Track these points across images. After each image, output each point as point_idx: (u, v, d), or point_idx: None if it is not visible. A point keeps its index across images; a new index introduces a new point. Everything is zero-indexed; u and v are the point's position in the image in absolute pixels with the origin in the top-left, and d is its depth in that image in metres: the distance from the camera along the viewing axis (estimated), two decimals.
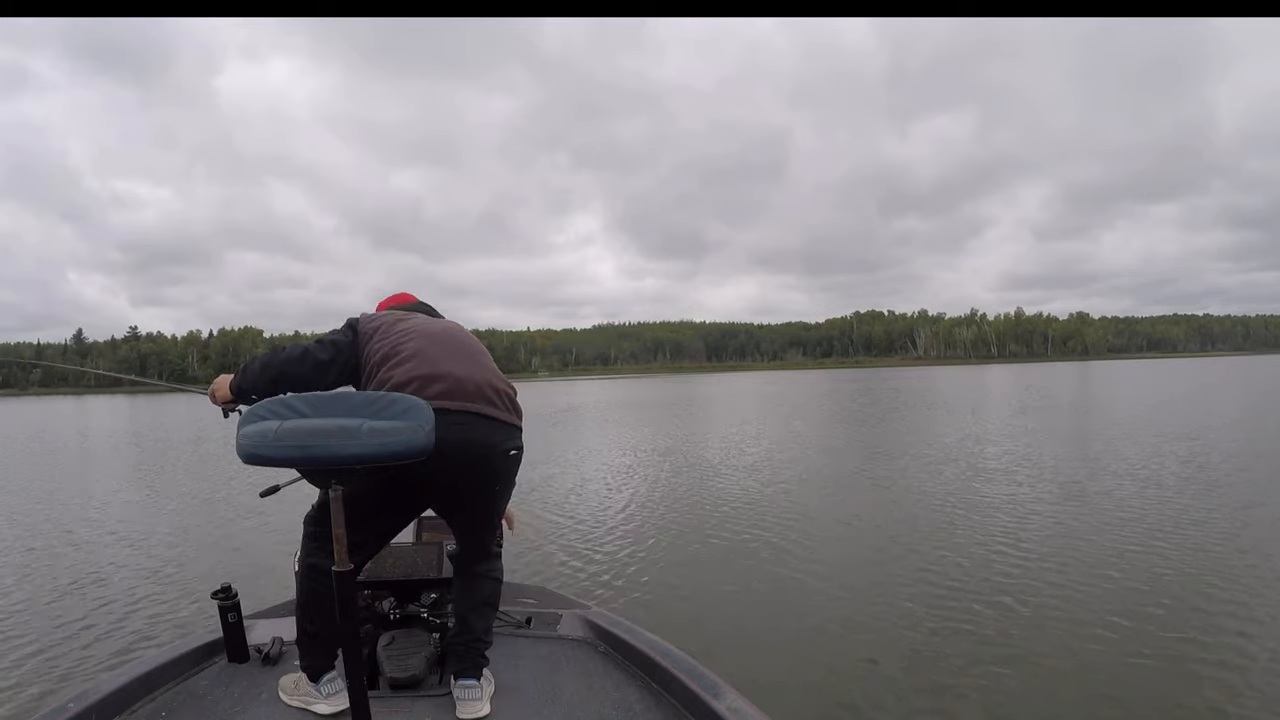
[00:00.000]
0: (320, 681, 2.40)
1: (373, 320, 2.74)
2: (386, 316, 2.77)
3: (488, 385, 2.54)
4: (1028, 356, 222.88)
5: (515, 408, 2.69)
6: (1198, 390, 38.51)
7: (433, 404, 2.22)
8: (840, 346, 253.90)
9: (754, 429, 23.54)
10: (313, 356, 2.61)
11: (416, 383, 2.40)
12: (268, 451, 1.88)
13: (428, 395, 2.34)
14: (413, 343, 2.58)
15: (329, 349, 2.64)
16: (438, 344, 2.60)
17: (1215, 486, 11.02)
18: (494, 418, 2.52)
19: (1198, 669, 4.95)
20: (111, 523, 10.78)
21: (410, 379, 2.42)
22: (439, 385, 2.42)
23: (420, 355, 2.52)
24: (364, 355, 2.63)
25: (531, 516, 10.05)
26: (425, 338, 2.61)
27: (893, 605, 6.37)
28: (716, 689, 2.30)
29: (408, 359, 2.50)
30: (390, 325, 2.68)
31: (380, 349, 2.58)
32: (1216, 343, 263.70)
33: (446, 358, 2.54)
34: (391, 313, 2.82)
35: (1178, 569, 7.04)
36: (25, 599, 7.11)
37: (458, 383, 2.46)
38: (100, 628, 6.27)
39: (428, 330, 2.67)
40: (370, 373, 2.56)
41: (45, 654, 5.69)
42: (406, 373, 2.45)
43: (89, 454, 21.87)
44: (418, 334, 2.63)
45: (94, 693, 2.30)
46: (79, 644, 5.90)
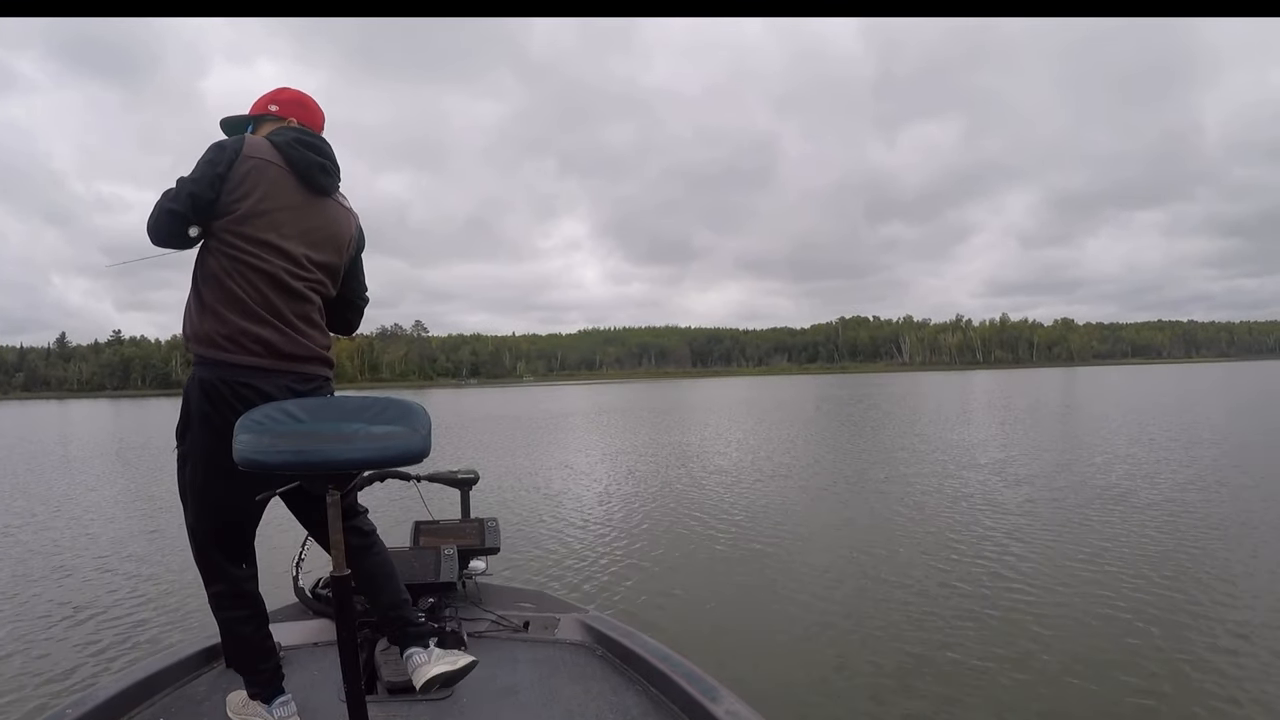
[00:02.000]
0: (273, 705, 2.36)
1: (242, 184, 2.30)
2: (258, 178, 2.32)
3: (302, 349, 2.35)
4: (1013, 362, 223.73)
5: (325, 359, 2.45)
6: (1185, 397, 38.71)
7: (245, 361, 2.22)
8: (826, 352, 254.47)
9: (746, 436, 23.57)
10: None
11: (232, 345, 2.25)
12: (264, 457, 1.87)
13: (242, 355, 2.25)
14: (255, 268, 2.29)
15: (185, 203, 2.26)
16: (275, 285, 2.32)
17: (1208, 493, 11.08)
18: (310, 375, 2.38)
19: (1190, 670, 4.98)
20: (107, 528, 10.72)
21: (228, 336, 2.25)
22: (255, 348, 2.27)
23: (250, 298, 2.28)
24: (214, 228, 2.29)
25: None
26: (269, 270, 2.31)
27: (890, 609, 6.40)
28: (715, 693, 2.29)
29: (238, 299, 2.26)
30: (256, 205, 2.31)
31: (230, 245, 2.28)
32: (1201, 349, 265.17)
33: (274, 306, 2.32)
34: (263, 166, 2.34)
35: (1169, 571, 7.09)
36: (22, 605, 7.07)
37: (271, 347, 2.29)
38: (98, 633, 6.24)
39: (276, 244, 2.33)
40: (214, 269, 2.28)
41: (43, 661, 5.66)
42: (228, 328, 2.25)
43: (80, 459, 21.74)
44: (269, 251, 2.32)
45: (92, 699, 2.28)
46: (77, 650, 5.87)
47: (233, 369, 2.22)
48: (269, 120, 2.55)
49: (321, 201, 2.46)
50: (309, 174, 2.42)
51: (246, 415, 1.96)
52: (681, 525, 9.97)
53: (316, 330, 2.42)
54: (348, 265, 2.58)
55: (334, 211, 2.51)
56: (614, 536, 9.41)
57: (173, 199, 2.23)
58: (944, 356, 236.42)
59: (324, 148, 2.50)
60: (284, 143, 2.40)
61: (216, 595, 2.38)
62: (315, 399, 2.12)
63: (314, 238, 2.42)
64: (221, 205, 2.27)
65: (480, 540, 3.43)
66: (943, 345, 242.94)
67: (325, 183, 2.47)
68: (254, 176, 2.30)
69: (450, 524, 3.51)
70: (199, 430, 2.26)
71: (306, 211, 2.41)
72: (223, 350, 2.22)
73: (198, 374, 2.25)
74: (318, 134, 2.56)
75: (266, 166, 2.33)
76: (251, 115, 2.58)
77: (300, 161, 2.40)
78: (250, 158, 2.31)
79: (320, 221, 2.45)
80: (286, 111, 2.57)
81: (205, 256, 2.31)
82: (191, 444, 2.30)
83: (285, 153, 2.38)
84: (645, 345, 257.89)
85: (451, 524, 3.51)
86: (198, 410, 2.24)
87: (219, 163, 2.27)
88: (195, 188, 2.23)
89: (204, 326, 2.25)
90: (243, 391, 2.20)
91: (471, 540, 3.42)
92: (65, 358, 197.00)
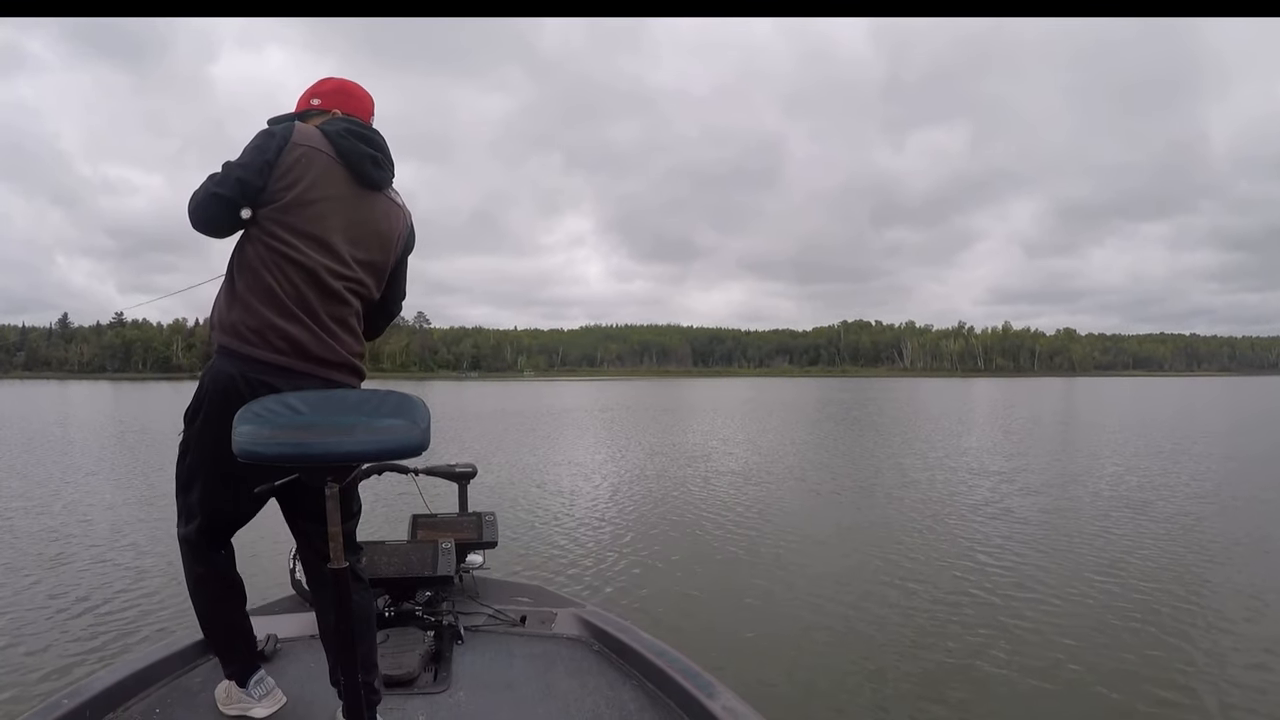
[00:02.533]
0: (249, 685, 2.35)
1: (290, 172, 2.23)
2: (306, 166, 2.25)
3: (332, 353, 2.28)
4: (1014, 371, 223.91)
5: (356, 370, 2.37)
6: (1190, 410, 38.71)
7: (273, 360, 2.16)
8: (827, 355, 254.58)
9: (750, 436, 23.58)
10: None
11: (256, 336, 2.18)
12: (264, 449, 1.86)
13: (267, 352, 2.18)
14: (295, 260, 2.21)
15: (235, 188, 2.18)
16: (313, 281, 2.24)
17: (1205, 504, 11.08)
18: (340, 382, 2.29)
19: (1188, 675, 4.98)
20: (103, 517, 10.67)
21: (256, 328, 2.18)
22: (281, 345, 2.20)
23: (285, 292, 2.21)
24: (258, 215, 2.21)
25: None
26: (307, 262, 2.23)
27: (888, 606, 6.43)
28: (711, 688, 2.29)
29: (271, 292, 2.19)
30: (303, 195, 2.23)
31: (271, 234, 2.20)
32: (1202, 363, 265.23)
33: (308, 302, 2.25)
34: (312, 154, 2.26)
35: (1189, 583, 7.08)
36: (15, 596, 7.04)
37: (299, 347, 2.21)
38: (93, 624, 6.22)
39: (320, 238, 2.26)
40: (251, 259, 2.21)
41: (37, 651, 5.63)
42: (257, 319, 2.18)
43: (75, 445, 21.70)
44: (311, 244, 2.24)
45: (87, 689, 2.28)
46: (72, 640, 5.85)
47: (255, 364, 2.14)
48: (314, 115, 2.43)
49: (372, 196, 2.36)
50: (360, 166, 2.31)
51: (246, 407, 1.96)
52: (681, 522, 10.00)
53: (350, 335, 2.33)
54: (393, 266, 2.47)
55: (384, 207, 2.40)
56: (613, 532, 9.43)
57: (219, 184, 2.15)
58: (945, 363, 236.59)
59: (376, 139, 2.39)
60: (334, 132, 2.30)
61: (199, 578, 2.37)
62: (314, 391, 2.05)
63: (359, 233, 2.32)
64: (268, 193, 2.18)
65: (478, 534, 3.43)
66: (944, 352, 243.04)
67: (377, 176, 2.36)
68: (303, 165, 2.21)
69: (448, 518, 3.50)
70: (207, 422, 2.18)
71: (355, 205, 2.31)
72: (247, 343, 2.15)
73: (217, 364, 2.18)
74: (368, 125, 2.44)
75: (316, 155, 2.24)
76: (296, 114, 2.45)
77: (351, 152, 2.30)
78: (299, 145, 2.22)
79: (368, 216, 2.35)
80: (330, 103, 2.46)
81: (244, 244, 2.23)
82: (197, 434, 2.23)
83: (335, 143, 2.28)
84: (647, 343, 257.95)
85: (449, 518, 3.51)
86: (210, 401, 2.17)
87: (268, 149, 2.19)
88: (244, 173, 2.15)
89: (231, 316, 2.18)
90: (260, 391, 2.07)
91: (469, 534, 3.41)
92: (67, 338, 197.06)
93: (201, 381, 2.22)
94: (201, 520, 2.30)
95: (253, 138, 2.23)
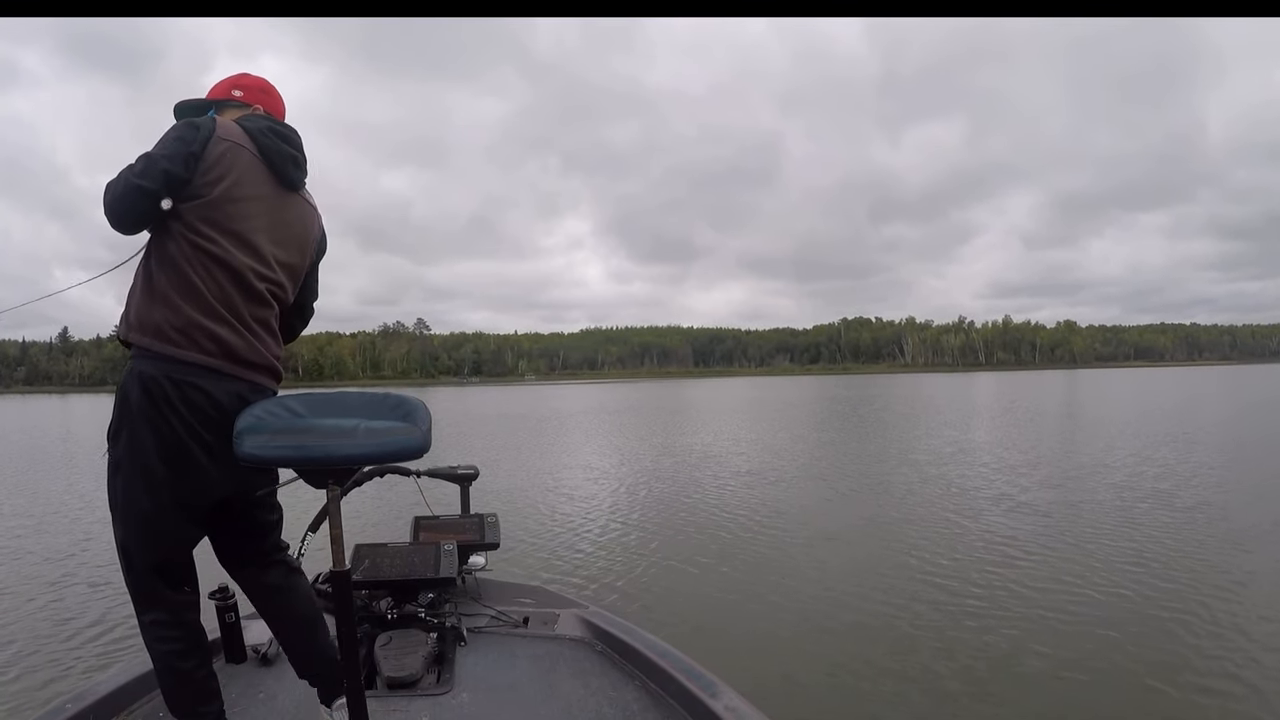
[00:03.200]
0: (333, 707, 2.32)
1: (216, 167, 2.13)
2: (231, 162, 2.16)
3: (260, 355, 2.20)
4: (1015, 364, 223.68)
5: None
6: (1195, 399, 38.66)
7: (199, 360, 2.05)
8: (828, 353, 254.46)
9: (749, 435, 23.56)
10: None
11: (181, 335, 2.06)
12: (264, 452, 1.87)
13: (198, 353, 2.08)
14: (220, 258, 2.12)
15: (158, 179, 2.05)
16: (238, 282, 2.15)
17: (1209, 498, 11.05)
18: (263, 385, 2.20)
19: (1192, 678, 4.97)
20: (105, 526, 10.61)
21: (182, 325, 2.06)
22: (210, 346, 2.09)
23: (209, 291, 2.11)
24: (180, 210, 2.09)
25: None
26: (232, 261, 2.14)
27: (891, 607, 6.41)
28: (714, 689, 2.29)
29: (196, 291, 2.08)
30: (228, 191, 2.14)
31: (195, 230, 2.09)
32: (1204, 352, 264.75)
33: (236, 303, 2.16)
34: (237, 150, 2.18)
35: (1172, 578, 7.08)
36: (20, 599, 7.06)
37: (226, 348, 2.11)
38: (97, 627, 6.23)
39: (243, 237, 2.17)
40: (173, 255, 2.09)
41: (42, 655, 5.64)
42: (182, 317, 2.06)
43: (79, 451, 21.71)
44: (234, 242, 2.15)
45: (91, 693, 2.29)
46: (76, 644, 5.86)
47: (182, 366, 2.01)
48: (232, 106, 2.36)
49: (290, 197, 2.30)
50: (281, 166, 2.24)
51: (247, 411, 1.96)
52: (683, 523, 9.99)
53: (272, 338, 2.23)
54: (308, 269, 2.41)
55: (301, 209, 2.35)
56: (615, 533, 9.44)
57: (141, 175, 2.00)
58: (946, 358, 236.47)
59: (295, 139, 2.33)
60: (256, 129, 2.22)
61: (151, 624, 2.10)
62: (314, 393, 2.07)
63: (281, 235, 2.25)
64: (193, 186, 2.06)
65: (480, 536, 3.43)
66: (945, 347, 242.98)
67: (296, 177, 2.30)
68: (228, 160, 2.12)
69: (450, 519, 3.51)
70: (136, 433, 2.02)
71: (275, 205, 2.24)
72: (172, 344, 2.01)
73: (138, 368, 2.02)
74: (284, 124, 2.37)
75: (240, 151, 2.16)
76: (212, 99, 2.38)
77: (273, 151, 2.23)
78: (224, 140, 2.13)
79: (288, 218, 2.28)
80: (251, 98, 2.40)
81: (164, 240, 2.09)
82: (126, 449, 2.04)
83: (258, 140, 2.21)
84: (647, 345, 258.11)
85: (451, 519, 3.51)
86: (138, 409, 2.00)
87: (192, 141, 2.07)
88: (170, 165, 2.02)
89: (153, 315, 2.03)
90: (190, 393, 2.00)
91: (471, 536, 3.42)
92: (67, 352, 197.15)
93: (122, 389, 2.06)
94: (143, 548, 2.08)
95: (172, 128, 2.12)
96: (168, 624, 2.10)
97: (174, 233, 2.07)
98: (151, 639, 2.11)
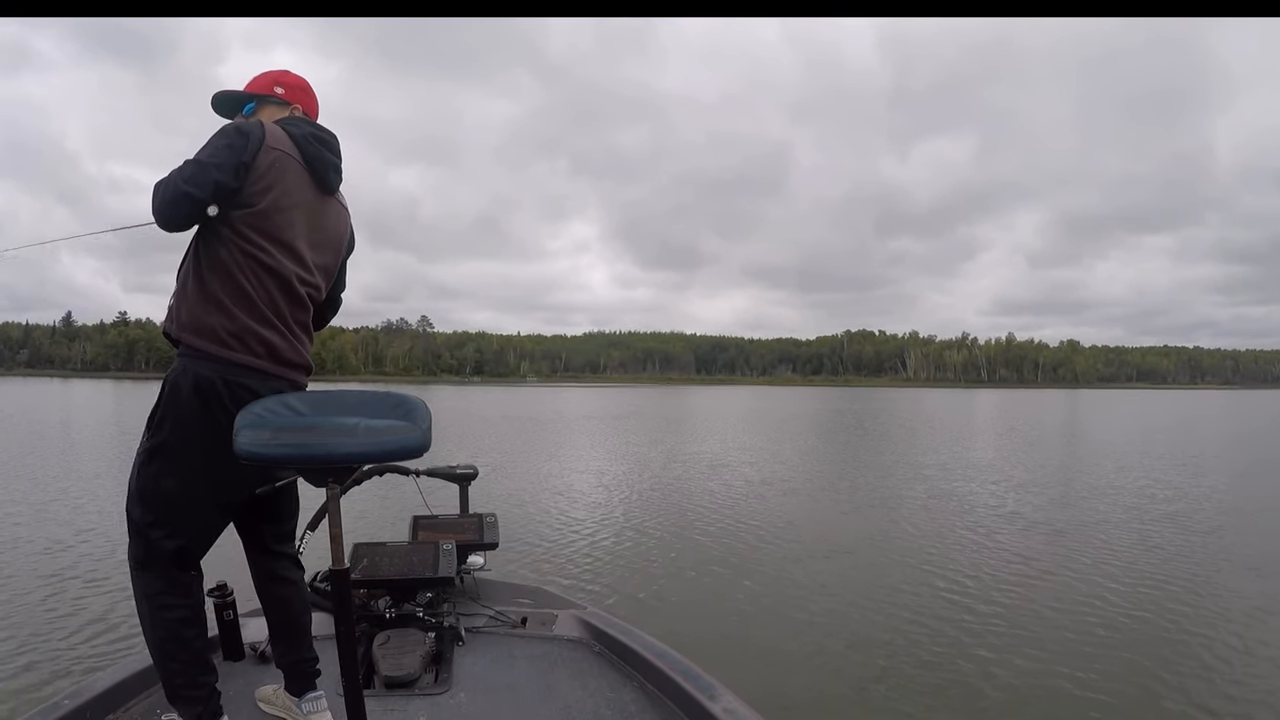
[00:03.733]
0: (304, 698, 2.36)
1: (265, 177, 2.18)
2: (280, 173, 2.22)
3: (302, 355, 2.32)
4: (1017, 382, 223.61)
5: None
6: (1199, 424, 38.61)
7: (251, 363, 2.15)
8: (830, 365, 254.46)
9: (752, 444, 23.55)
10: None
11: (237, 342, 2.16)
12: (264, 450, 1.85)
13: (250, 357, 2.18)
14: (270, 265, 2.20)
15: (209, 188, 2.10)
16: (284, 288, 2.24)
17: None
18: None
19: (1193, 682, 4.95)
20: (105, 516, 10.63)
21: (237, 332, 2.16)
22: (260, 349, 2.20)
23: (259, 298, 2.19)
24: (230, 217, 2.15)
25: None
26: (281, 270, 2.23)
27: (888, 612, 6.43)
28: (712, 690, 2.30)
29: (248, 297, 2.16)
30: (277, 201, 2.21)
31: (245, 238, 2.16)
32: (1206, 375, 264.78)
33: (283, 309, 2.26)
34: (285, 160, 2.23)
35: (1173, 596, 7.05)
36: (15, 595, 7.03)
37: (273, 351, 2.22)
38: (94, 624, 6.21)
39: (289, 244, 2.25)
40: (224, 261, 2.15)
41: (38, 651, 5.62)
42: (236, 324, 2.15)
43: (79, 443, 21.70)
44: (281, 250, 2.23)
45: (88, 689, 2.29)
46: (73, 641, 5.85)
47: (234, 368, 2.11)
48: (273, 103, 2.41)
49: (328, 200, 2.37)
50: (324, 173, 2.32)
51: (247, 409, 1.96)
52: (683, 526, 10.01)
53: (307, 336, 2.34)
54: (339, 266, 2.50)
55: (336, 211, 2.42)
56: (614, 534, 9.45)
57: (191, 183, 2.05)
58: (948, 374, 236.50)
59: (336, 145, 2.38)
60: (301, 137, 2.27)
61: (158, 594, 2.15)
62: (314, 392, 2.09)
63: (319, 239, 2.33)
64: (243, 195, 2.12)
65: (479, 535, 3.43)
66: (948, 362, 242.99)
67: (335, 183, 2.38)
68: (277, 170, 2.18)
69: (449, 519, 3.51)
70: (182, 427, 2.11)
71: (315, 210, 2.31)
72: (226, 347, 2.11)
73: (193, 368, 2.10)
74: (325, 128, 2.41)
75: (288, 162, 2.21)
76: (253, 93, 2.42)
77: (317, 160, 2.29)
78: (273, 149, 2.18)
79: (326, 223, 2.36)
80: (292, 97, 2.44)
81: (214, 244, 2.15)
82: (169, 439, 2.13)
83: (303, 148, 2.26)
84: (650, 350, 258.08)
85: (450, 519, 3.51)
86: (186, 405, 2.09)
87: (243, 150, 2.12)
88: (221, 175, 2.07)
89: (208, 319, 2.12)
90: (239, 393, 2.08)
91: (470, 535, 3.42)
92: (70, 337, 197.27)
93: (172, 383, 2.13)
94: (169, 539, 2.14)
95: (221, 133, 2.16)
96: (174, 593, 2.15)
97: (224, 238, 2.15)
98: (155, 607, 2.14)
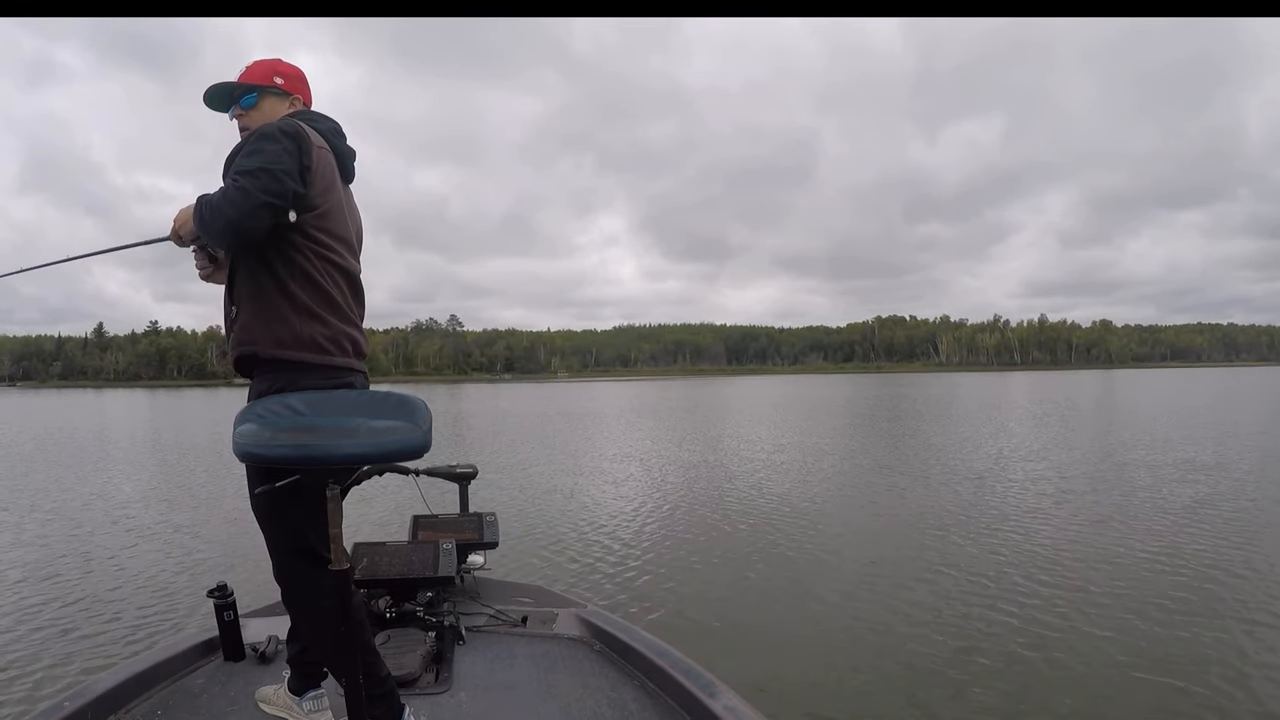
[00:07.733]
0: (304, 696, 2.38)
1: (323, 177, 2.20)
2: (328, 170, 2.24)
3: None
4: (1051, 364, 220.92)
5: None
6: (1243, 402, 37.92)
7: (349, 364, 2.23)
8: (861, 351, 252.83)
9: (768, 436, 23.42)
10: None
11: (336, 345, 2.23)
12: (265, 451, 1.88)
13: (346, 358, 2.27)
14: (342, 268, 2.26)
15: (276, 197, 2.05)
16: (353, 284, 2.34)
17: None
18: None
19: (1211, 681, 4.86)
20: (107, 519, 10.76)
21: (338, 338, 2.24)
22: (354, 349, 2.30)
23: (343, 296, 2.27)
24: (303, 221, 2.15)
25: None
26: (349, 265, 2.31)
27: (892, 608, 6.35)
28: (713, 688, 2.30)
29: (333, 301, 2.23)
30: (336, 205, 2.26)
31: (316, 241, 2.19)
32: (1241, 352, 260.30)
33: (359, 304, 2.37)
34: (327, 157, 2.24)
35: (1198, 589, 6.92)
36: (21, 595, 7.10)
37: (358, 348, 2.32)
38: (95, 625, 6.26)
39: (349, 240, 2.33)
40: (305, 268, 2.17)
41: (40, 651, 5.67)
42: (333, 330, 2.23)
43: (93, 449, 21.87)
44: (345, 248, 2.29)
45: (90, 691, 2.31)
46: (74, 641, 5.89)
47: (338, 372, 2.19)
48: (274, 94, 2.35)
49: (349, 192, 2.42)
50: (349, 165, 2.37)
51: (248, 408, 1.97)
52: (683, 524, 9.93)
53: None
54: None
55: (352, 199, 2.45)
56: (614, 533, 9.38)
57: (267, 191, 1.98)
58: (981, 357, 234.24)
59: (343, 133, 2.40)
60: (328, 131, 2.28)
61: (323, 613, 2.15)
62: (315, 392, 2.07)
63: (356, 228, 2.41)
64: (308, 199, 2.12)
65: (479, 535, 3.44)
66: (980, 346, 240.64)
67: (353, 171, 2.43)
68: (325, 168, 2.19)
69: (449, 518, 3.53)
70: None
71: (349, 203, 2.38)
72: (327, 354, 2.17)
73: (299, 381, 2.11)
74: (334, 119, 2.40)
75: (327, 157, 2.22)
76: (253, 84, 2.34)
77: (344, 153, 2.33)
78: (320, 147, 2.18)
79: (355, 213, 2.43)
80: (292, 87, 2.40)
81: (289, 253, 2.13)
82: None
83: (331, 142, 2.27)
84: (680, 342, 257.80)
85: (450, 518, 3.53)
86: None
87: (301, 153, 2.09)
88: (293, 183, 2.04)
89: (306, 330, 2.13)
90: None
91: (470, 535, 3.43)
92: (102, 347, 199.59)
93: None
94: (310, 546, 2.19)
95: (271, 138, 2.07)
96: (332, 594, 2.07)
97: (298, 245, 2.16)
98: (321, 628, 2.19)
